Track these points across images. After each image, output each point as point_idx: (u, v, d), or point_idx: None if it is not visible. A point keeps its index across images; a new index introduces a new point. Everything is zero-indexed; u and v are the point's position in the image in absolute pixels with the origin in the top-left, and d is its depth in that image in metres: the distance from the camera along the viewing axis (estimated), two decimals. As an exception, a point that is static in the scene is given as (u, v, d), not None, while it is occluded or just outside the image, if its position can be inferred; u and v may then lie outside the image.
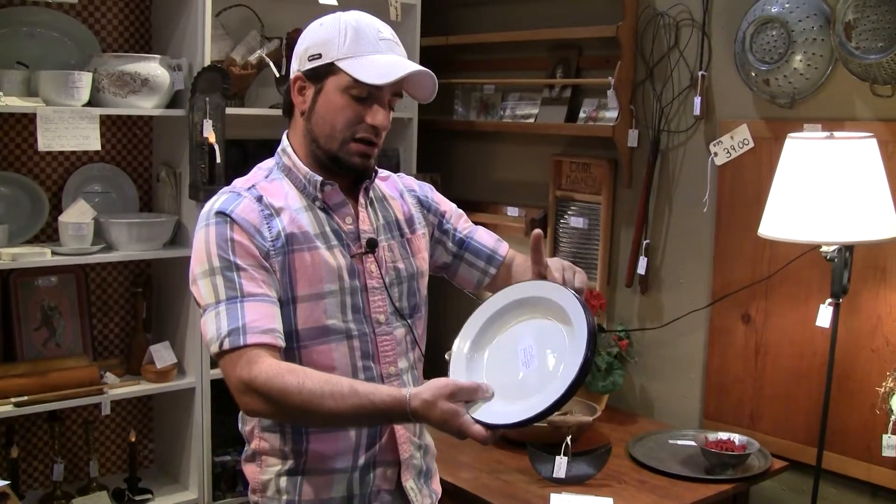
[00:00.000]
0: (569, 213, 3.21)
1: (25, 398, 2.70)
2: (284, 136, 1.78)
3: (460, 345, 1.66)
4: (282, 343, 1.62)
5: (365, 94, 1.66)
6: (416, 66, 1.68)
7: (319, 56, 1.68)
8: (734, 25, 2.67)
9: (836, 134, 2.25)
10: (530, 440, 2.50)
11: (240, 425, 1.82)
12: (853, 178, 2.18)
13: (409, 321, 1.80)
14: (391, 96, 1.71)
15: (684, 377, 2.90)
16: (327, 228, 1.72)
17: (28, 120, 2.91)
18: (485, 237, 1.97)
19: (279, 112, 1.84)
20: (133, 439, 3.07)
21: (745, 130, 2.67)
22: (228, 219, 1.64)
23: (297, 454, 1.73)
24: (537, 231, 1.69)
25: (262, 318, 1.60)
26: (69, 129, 2.66)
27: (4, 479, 2.64)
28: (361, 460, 1.74)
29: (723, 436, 2.55)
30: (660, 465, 2.48)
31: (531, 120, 3.32)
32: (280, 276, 1.66)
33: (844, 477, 2.51)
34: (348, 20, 1.69)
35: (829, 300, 2.34)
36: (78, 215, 2.81)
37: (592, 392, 2.82)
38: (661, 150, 2.93)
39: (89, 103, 2.74)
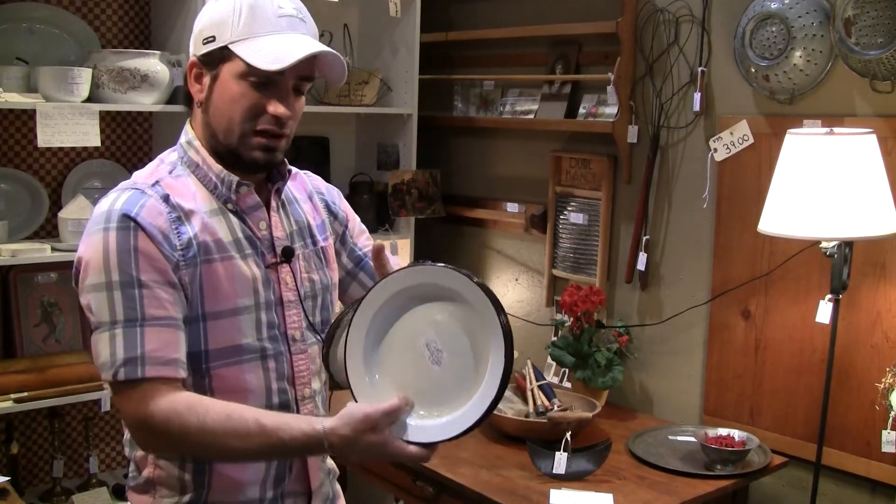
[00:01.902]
0: (568, 209, 3.21)
1: (25, 394, 2.70)
2: (188, 127, 1.60)
3: (354, 359, 1.46)
4: (184, 374, 1.47)
5: (264, 81, 1.49)
6: (317, 47, 1.50)
7: (213, 39, 1.51)
8: (734, 21, 2.66)
9: (836, 130, 2.25)
10: (529, 436, 2.50)
11: (127, 450, 1.64)
12: (853, 174, 2.18)
13: (322, 336, 1.64)
14: (297, 80, 1.53)
15: (684, 373, 2.91)
16: (241, 235, 1.55)
17: (28, 116, 2.91)
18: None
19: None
20: (133, 435, 3.07)
21: (745, 126, 2.67)
22: (133, 224, 1.44)
23: (198, 485, 1.56)
24: (377, 244, 1.57)
25: (164, 346, 1.44)
26: (69, 125, 2.66)
27: (4, 475, 2.65)
28: (270, 493, 1.61)
29: (722, 432, 2.55)
30: (659, 461, 2.48)
31: (531, 116, 3.32)
32: (189, 290, 1.48)
33: (844, 473, 2.51)
34: None
35: (829, 296, 2.34)
36: (78, 211, 2.81)
37: (592, 388, 2.83)
38: (661, 146, 2.92)
39: (89, 99, 2.74)
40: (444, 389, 1.43)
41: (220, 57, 1.51)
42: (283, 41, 1.49)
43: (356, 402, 1.44)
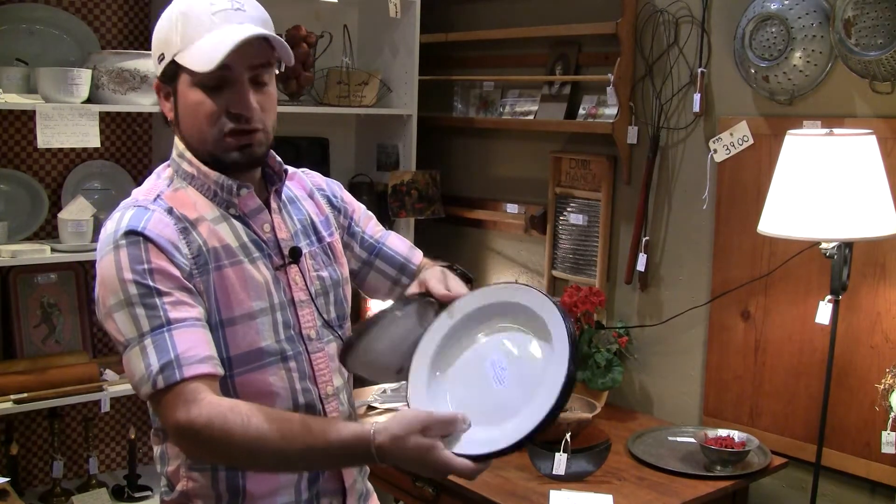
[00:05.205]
0: (568, 209, 3.21)
1: (25, 395, 2.70)
2: (177, 140, 1.59)
3: (417, 371, 1.46)
4: (221, 371, 1.45)
5: (217, 83, 1.48)
6: (243, 34, 1.45)
7: (163, 56, 1.52)
8: (733, 22, 2.66)
9: (836, 131, 2.25)
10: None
11: (158, 466, 1.63)
12: (852, 174, 2.18)
13: (339, 333, 1.65)
14: (252, 71, 1.51)
15: (684, 374, 2.91)
16: (246, 239, 1.55)
17: (27, 117, 2.91)
18: (397, 243, 1.81)
19: (281, 108, 1.74)
20: (133, 436, 3.07)
21: (745, 127, 2.67)
22: (141, 238, 1.44)
23: (233, 493, 1.55)
24: (421, 284, 1.56)
25: (196, 345, 1.42)
26: (68, 126, 2.66)
27: (4, 476, 2.65)
28: (305, 494, 1.59)
29: (722, 433, 2.55)
30: (659, 461, 2.48)
31: (530, 117, 3.32)
32: (205, 297, 1.48)
33: (844, 474, 2.51)
34: (179, 5, 1.51)
35: (829, 297, 2.34)
36: (77, 212, 2.81)
37: (592, 389, 2.82)
38: (661, 147, 2.92)
39: (89, 100, 2.74)
40: (503, 408, 1.40)
41: (172, 72, 1.52)
42: (216, 37, 1.46)
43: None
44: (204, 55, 1.45)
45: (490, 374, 1.43)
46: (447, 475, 1.36)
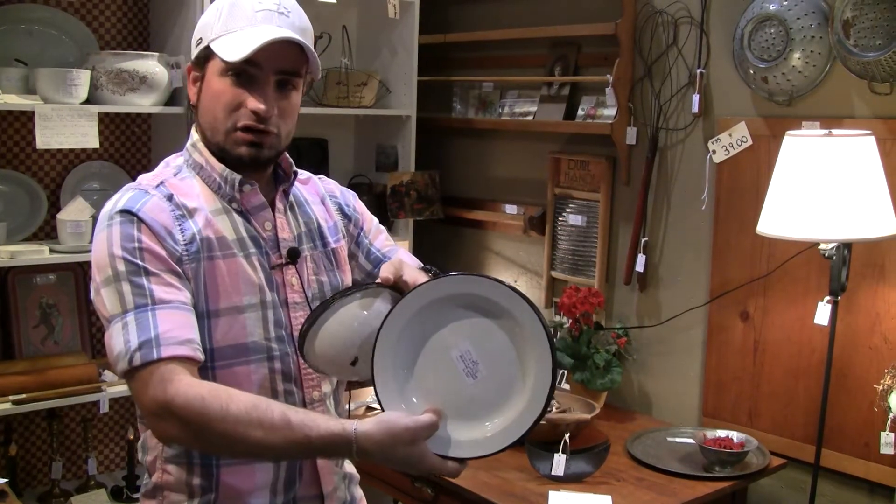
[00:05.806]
0: (567, 210, 3.21)
1: (24, 396, 2.69)
2: (193, 130, 1.61)
3: (382, 364, 1.42)
4: (201, 356, 1.44)
5: (244, 76, 1.50)
6: (275, 34, 1.48)
7: (201, 41, 1.55)
8: (732, 23, 2.66)
9: (835, 132, 2.26)
10: (528, 438, 2.50)
11: (140, 455, 1.62)
12: (851, 175, 2.18)
13: None
14: (280, 75, 1.53)
15: (683, 375, 2.91)
16: (244, 234, 1.55)
17: (26, 118, 2.91)
18: (405, 260, 1.72)
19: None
20: (132, 437, 3.07)
21: (744, 128, 2.67)
22: (135, 218, 1.45)
23: (205, 489, 1.54)
24: (384, 276, 1.51)
25: (178, 327, 1.42)
26: (67, 127, 2.66)
27: (3, 476, 2.65)
28: (281, 498, 1.58)
29: (721, 433, 2.55)
30: (658, 462, 2.48)
31: (529, 117, 3.32)
32: (194, 285, 1.48)
33: (842, 474, 2.51)
34: None
35: (828, 298, 2.35)
36: (76, 213, 2.81)
37: (591, 390, 2.82)
38: (660, 148, 2.93)
39: (87, 101, 2.74)
40: (480, 403, 1.41)
41: (204, 57, 1.55)
42: (253, 33, 1.49)
43: (382, 408, 1.42)
44: (234, 46, 1.48)
45: (459, 367, 1.41)
46: (431, 474, 1.40)
